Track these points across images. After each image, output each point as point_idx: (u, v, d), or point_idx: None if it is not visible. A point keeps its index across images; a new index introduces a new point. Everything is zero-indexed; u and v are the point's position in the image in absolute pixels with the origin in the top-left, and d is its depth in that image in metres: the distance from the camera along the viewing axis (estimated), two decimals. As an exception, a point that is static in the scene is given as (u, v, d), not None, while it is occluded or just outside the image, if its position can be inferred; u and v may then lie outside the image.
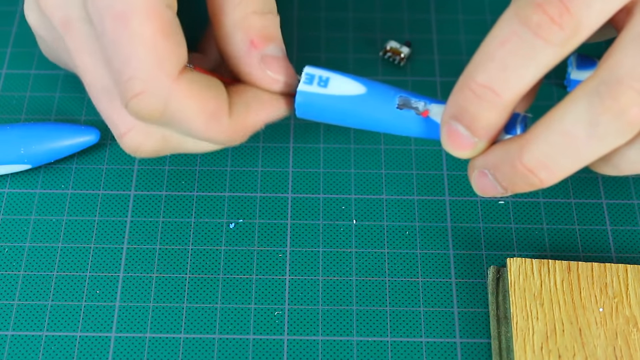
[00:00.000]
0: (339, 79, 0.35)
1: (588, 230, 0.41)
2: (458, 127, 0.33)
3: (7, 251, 0.40)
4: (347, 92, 0.35)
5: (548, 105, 0.45)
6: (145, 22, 0.33)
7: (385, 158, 0.44)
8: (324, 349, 0.38)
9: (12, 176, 0.43)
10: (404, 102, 0.35)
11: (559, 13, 0.30)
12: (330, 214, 0.42)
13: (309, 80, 0.35)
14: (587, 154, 0.32)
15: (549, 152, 0.32)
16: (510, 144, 0.33)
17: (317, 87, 0.35)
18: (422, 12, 0.50)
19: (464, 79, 0.32)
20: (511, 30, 0.31)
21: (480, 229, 0.41)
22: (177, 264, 0.40)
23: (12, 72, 0.46)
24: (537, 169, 0.32)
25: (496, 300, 0.39)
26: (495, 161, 0.33)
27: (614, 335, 0.36)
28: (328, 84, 0.35)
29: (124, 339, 0.38)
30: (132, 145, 0.37)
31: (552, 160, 0.32)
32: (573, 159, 0.32)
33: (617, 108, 0.30)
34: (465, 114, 0.32)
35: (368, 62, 0.47)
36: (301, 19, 0.49)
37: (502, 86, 0.31)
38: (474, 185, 0.35)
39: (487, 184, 0.34)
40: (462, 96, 0.32)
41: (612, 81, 0.30)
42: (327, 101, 0.35)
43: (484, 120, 0.32)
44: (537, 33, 0.30)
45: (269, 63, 0.36)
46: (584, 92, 0.31)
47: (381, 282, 0.40)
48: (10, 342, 0.38)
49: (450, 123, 0.33)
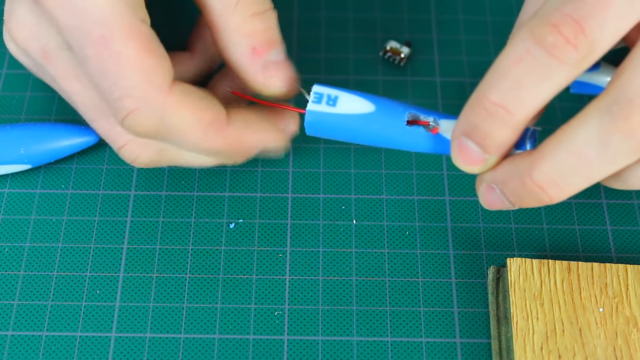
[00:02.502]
0: (347, 98, 0.35)
1: (588, 230, 0.41)
2: (469, 143, 0.33)
3: (7, 251, 0.40)
4: (356, 110, 0.35)
5: (550, 107, 0.45)
6: (126, 42, 0.33)
7: (385, 158, 0.44)
8: (324, 349, 0.38)
9: (12, 176, 0.43)
10: (413, 119, 0.35)
11: (574, 34, 0.30)
12: (330, 214, 0.42)
13: (317, 99, 0.35)
14: (597, 172, 0.32)
15: (560, 170, 0.32)
16: (520, 160, 0.33)
17: (326, 106, 0.35)
18: (422, 12, 0.50)
19: (476, 96, 0.32)
20: (525, 49, 0.31)
21: (480, 229, 0.41)
22: (177, 264, 0.40)
23: (12, 72, 0.46)
24: (547, 186, 0.32)
25: (496, 300, 0.39)
26: (504, 177, 0.33)
27: (614, 335, 0.36)
28: (337, 102, 0.35)
29: (124, 339, 0.38)
30: (130, 156, 0.37)
31: (562, 178, 0.32)
32: (583, 177, 0.32)
33: (629, 129, 0.30)
34: (477, 132, 0.32)
35: (368, 62, 0.47)
36: (301, 19, 0.49)
37: (515, 105, 0.31)
38: (481, 199, 0.35)
39: (495, 198, 0.34)
40: (474, 114, 0.32)
41: (624, 101, 0.30)
42: (336, 120, 0.35)
43: (496, 138, 0.32)
44: (552, 53, 0.30)
45: (272, 70, 0.36)
46: (596, 110, 0.31)
47: (381, 282, 0.40)
48: (10, 342, 0.38)
49: (462, 139, 0.33)
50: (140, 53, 0.33)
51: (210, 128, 0.34)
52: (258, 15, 0.35)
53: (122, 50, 0.33)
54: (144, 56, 0.33)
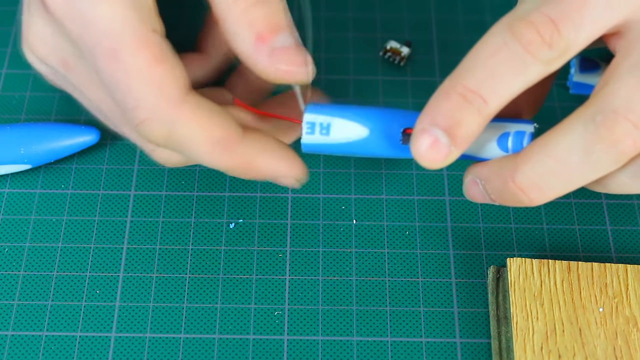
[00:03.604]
0: (340, 124, 0.35)
1: (588, 230, 0.41)
2: (437, 133, 0.32)
3: (7, 251, 0.40)
4: (349, 137, 0.35)
5: (549, 105, 0.45)
6: (136, 54, 0.33)
7: (385, 158, 0.44)
8: (324, 349, 0.38)
9: (12, 176, 0.43)
10: (408, 136, 0.35)
11: (550, 33, 0.31)
12: (330, 214, 0.42)
13: (310, 129, 0.35)
14: (579, 179, 0.32)
15: (542, 175, 0.32)
16: (505, 161, 0.33)
17: (320, 135, 0.35)
18: (422, 12, 0.50)
19: (450, 83, 0.32)
20: (503, 42, 0.31)
21: (480, 229, 0.41)
22: (177, 264, 0.40)
23: (12, 72, 0.46)
24: (529, 189, 0.33)
25: (496, 300, 0.39)
26: (489, 174, 0.34)
27: (614, 335, 0.36)
28: (330, 131, 0.35)
29: (124, 339, 0.38)
30: (160, 160, 0.37)
31: (544, 182, 0.32)
32: (565, 183, 0.32)
33: (612, 138, 0.31)
34: (449, 120, 0.32)
35: (368, 62, 0.47)
36: (301, 19, 0.49)
37: (490, 94, 0.32)
38: (465, 190, 0.36)
39: (477, 192, 0.35)
40: (448, 100, 0.32)
41: (608, 111, 0.31)
42: (332, 147, 0.35)
43: (468, 127, 0.32)
44: (528, 49, 0.31)
45: (280, 55, 0.34)
46: (581, 119, 0.32)
47: (381, 282, 0.40)
48: (10, 342, 0.38)
49: (431, 130, 0.32)
50: (150, 64, 0.33)
51: (218, 145, 0.34)
52: (260, 3, 0.35)
53: (131, 62, 0.33)
54: (154, 67, 0.33)
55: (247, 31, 0.35)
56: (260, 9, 0.35)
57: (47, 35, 0.36)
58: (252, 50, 0.35)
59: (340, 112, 0.35)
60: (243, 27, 0.35)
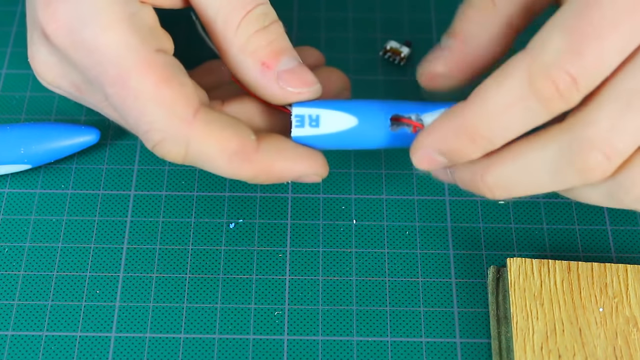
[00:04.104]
0: (328, 115, 0.35)
1: (588, 230, 0.41)
2: (439, 157, 0.34)
3: (7, 251, 0.40)
4: (339, 127, 0.35)
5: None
6: (142, 78, 0.33)
7: (385, 158, 0.44)
8: (324, 349, 0.38)
9: (12, 176, 0.43)
10: (397, 122, 0.35)
11: (569, 91, 0.31)
12: (330, 214, 0.42)
13: (300, 122, 0.35)
14: (545, 189, 0.33)
15: (510, 179, 0.33)
16: (479, 160, 0.34)
17: (309, 128, 0.35)
18: (422, 12, 0.50)
19: (463, 124, 0.33)
20: (521, 96, 0.31)
21: (480, 229, 0.41)
22: (177, 264, 0.40)
23: (12, 72, 0.47)
24: (495, 188, 0.34)
25: (496, 300, 0.39)
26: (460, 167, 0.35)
27: (614, 335, 0.36)
28: (319, 122, 0.35)
29: (124, 339, 0.38)
30: None
31: (510, 186, 0.34)
32: (531, 190, 0.34)
33: (584, 167, 0.31)
34: (455, 153, 0.33)
35: (368, 62, 0.47)
36: (301, 19, 0.49)
37: (499, 139, 0.33)
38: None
39: (440, 171, 0.36)
40: (459, 141, 0.33)
41: (585, 140, 0.31)
42: (322, 139, 0.36)
43: (470, 157, 0.34)
44: (545, 105, 0.31)
45: (287, 79, 0.35)
46: (557, 139, 0.32)
47: (381, 282, 0.40)
48: (10, 342, 0.38)
49: (433, 155, 0.34)
50: (157, 85, 0.33)
51: (235, 157, 0.34)
52: (261, 31, 0.35)
53: (138, 87, 0.33)
54: (161, 88, 0.33)
55: (252, 60, 0.35)
56: (262, 37, 0.35)
57: (54, 63, 0.37)
58: (259, 78, 0.35)
59: (328, 104, 0.36)
60: (247, 56, 0.35)
